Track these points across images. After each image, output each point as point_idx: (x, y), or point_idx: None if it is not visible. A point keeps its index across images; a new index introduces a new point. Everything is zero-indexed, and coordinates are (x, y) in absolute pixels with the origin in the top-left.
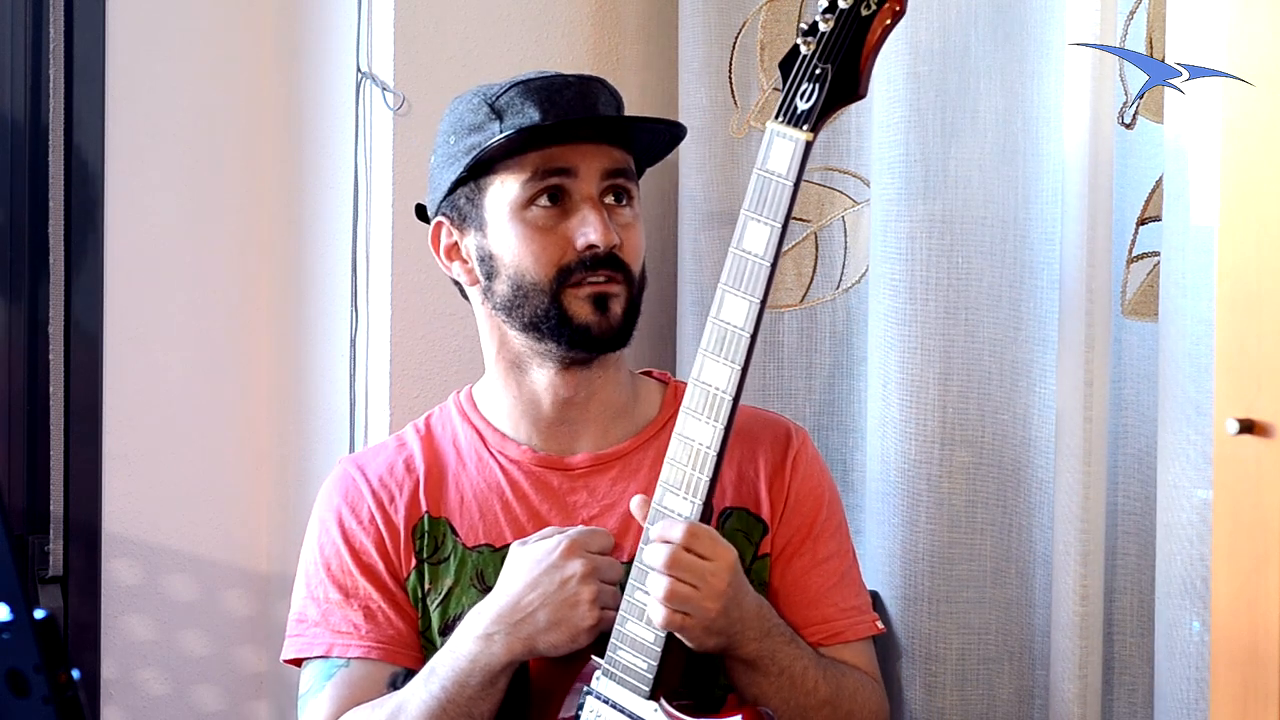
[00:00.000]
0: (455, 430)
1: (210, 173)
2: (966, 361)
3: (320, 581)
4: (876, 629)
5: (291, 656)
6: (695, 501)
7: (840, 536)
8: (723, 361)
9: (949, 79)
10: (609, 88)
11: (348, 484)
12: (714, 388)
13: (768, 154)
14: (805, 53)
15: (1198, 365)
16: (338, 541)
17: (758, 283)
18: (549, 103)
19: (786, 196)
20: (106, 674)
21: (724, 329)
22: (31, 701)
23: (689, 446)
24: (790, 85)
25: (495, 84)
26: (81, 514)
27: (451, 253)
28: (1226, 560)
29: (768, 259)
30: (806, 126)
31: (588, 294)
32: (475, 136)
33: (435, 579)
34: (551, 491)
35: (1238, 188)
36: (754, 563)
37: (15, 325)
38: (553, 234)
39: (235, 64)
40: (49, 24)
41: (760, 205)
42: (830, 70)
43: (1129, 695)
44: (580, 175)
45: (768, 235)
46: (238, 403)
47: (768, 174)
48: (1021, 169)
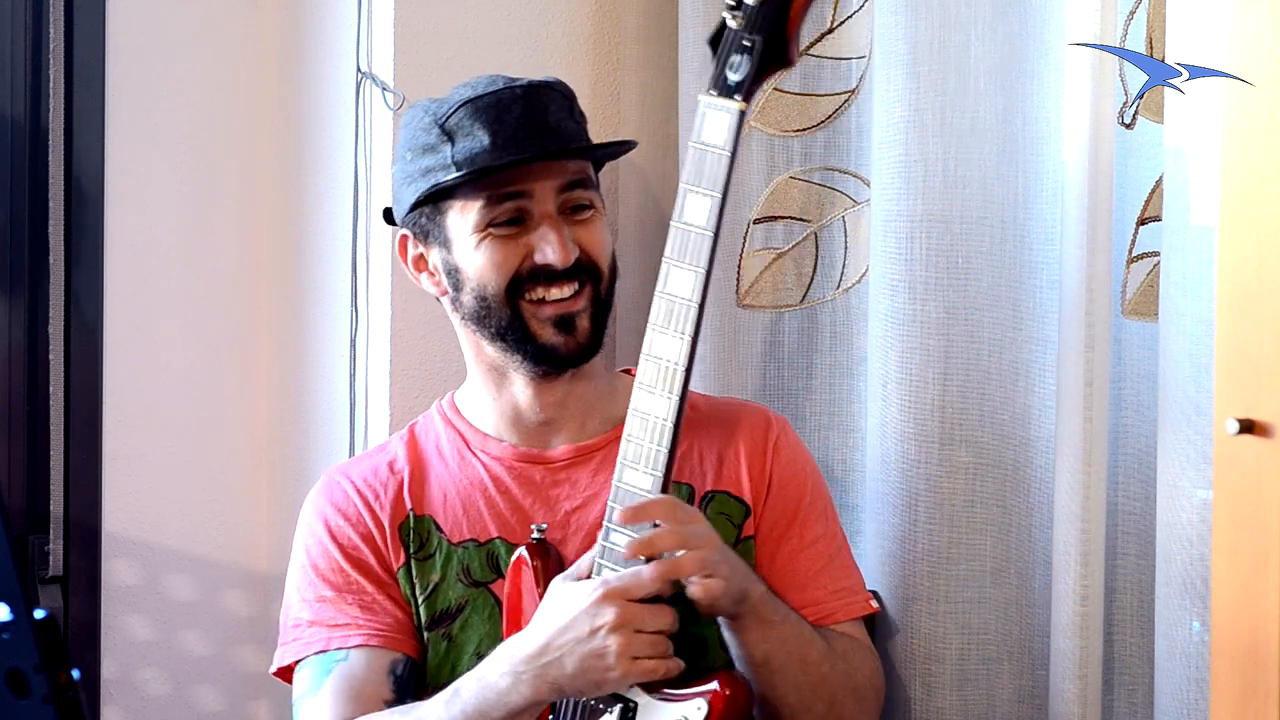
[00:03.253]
0: (438, 433)
1: (210, 173)
2: (966, 361)
3: (310, 584)
4: (870, 608)
5: (288, 661)
6: (655, 475)
7: (827, 519)
8: (672, 334)
9: (949, 79)
10: (559, 89)
11: (332, 488)
12: (666, 360)
13: (703, 126)
14: (734, 26)
15: (1198, 365)
16: (325, 542)
17: (701, 254)
18: (498, 124)
19: (724, 167)
20: (106, 674)
21: (671, 302)
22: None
23: (645, 421)
24: (720, 58)
25: (444, 99)
26: (81, 514)
27: (419, 264)
28: (1226, 560)
29: (710, 229)
30: (739, 96)
31: (549, 315)
32: (429, 159)
33: (423, 574)
34: (534, 485)
35: (1238, 188)
36: (737, 545)
37: (15, 325)
38: (513, 245)
39: (235, 64)
40: (49, 24)
41: (699, 178)
42: (759, 40)
43: (1129, 695)
44: (536, 195)
45: (709, 206)
46: (238, 403)
47: (704, 146)
48: (1021, 169)
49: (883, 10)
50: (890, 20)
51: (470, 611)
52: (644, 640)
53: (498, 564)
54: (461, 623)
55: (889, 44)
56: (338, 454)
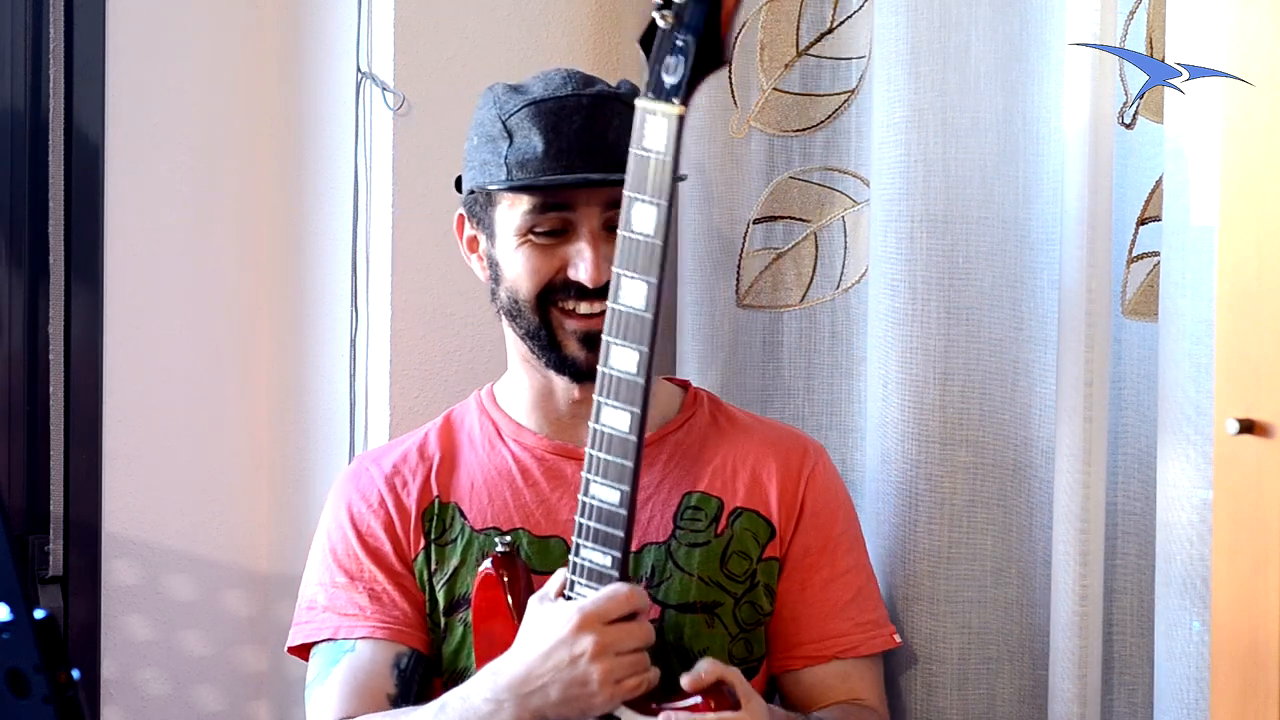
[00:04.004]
0: (471, 422)
1: (210, 173)
2: (967, 361)
3: (327, 568)
4: (893, 642)
5: (300, 642)
6: (622, 489)
7: (857, 551)
8: (629, 346)
9: (949, 79)
10: (624, 102)
11: (361, 473)
12: (623, 373)
13: (642, 133)
14: (664, 26)
15: (1198, 365)
16: (345, 528)
17: (652, 263)
18: (554, 132)
19: (668, 174)
20: (106, 674)
21: (624, 313)
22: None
23: (607, 436)
24: (654, 61)
25: (518, 89)
26: (81, 514)
27: (472, 244)
28: (1226, 560)
29: (658, 238)
30: (677, 100)
31: (576, 329)
32: (487, 151)
33: (442, 560)
34: (563, 479)
35: (1238, 188)
36: (759, 564)
37: (15, 325)
38: (550, 256)
39: (235, 63)
40: (49, 23)
41: (642, 184)
42: (692, 41)
43: (1129, 695)
44: (581, 210)
45: (655, 215)
46: (238, 403)
47: (645, 152)
48: (1021, 169)
49: (883, 10)
50: (890, 20)
51: None
52: (624, 662)
53: None
54: None
55: (889, 44)
56: (338, 454)
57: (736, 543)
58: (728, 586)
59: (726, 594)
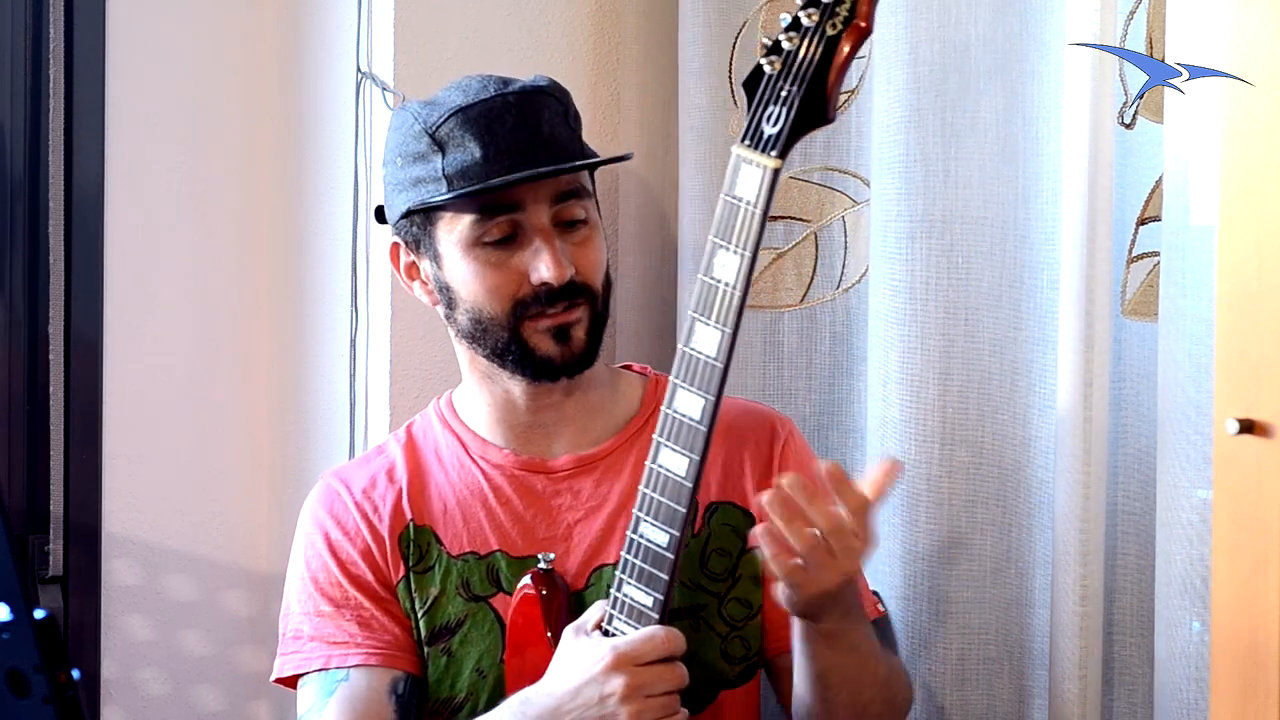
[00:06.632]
0: (436, 438)
1: (210, 173)
2: (966, 361)
3: (309, 596)
4: (876, 611)
5: (288, 673)
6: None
7: None
8: (696, 392)
9: (949, 79)
10: (552, 93)
11: (331, 497)
12: (688, 417)
13: (735, 179)
14: (770, 73)
15: (1198, 365)
16: (324, 555)
17: (729, 312)
18: (489, 135)
19: (755, 225)
20: (106, 674)
21: (695, 358)
22: (31, 701)
23: (664, 478)
24: (755, 107)
25: (434, 103)
26: (81, 514)
27: (411, 271)
28: (1226, 560)
29: (739, 288)
30: (774, 152)
31: (547, 327)
32: (418, 168)
33: (422, 588)
34: (535, 495)
35: (1238, 188)
36: (741, 558)
37: (15, 325)
38: (506, 268)
39: (235, 64)
40: (49, 24)
41: (728, 233)
42: (797, 93)
43: (1129, 695)
44: (529, 208)
45: (738, 264)
46: (238, 403)
47: (735, 200)
48: (1021, 169)
49: (883, 10)
50: (890, 20)
51: (470, 626)
52: (654, 704)
53: (498, 578)
54: (461, 638)
55: (889, 44)
56: (338, 454)
57: (715, 540)
58: (710, 587)
59: (709, 594)
